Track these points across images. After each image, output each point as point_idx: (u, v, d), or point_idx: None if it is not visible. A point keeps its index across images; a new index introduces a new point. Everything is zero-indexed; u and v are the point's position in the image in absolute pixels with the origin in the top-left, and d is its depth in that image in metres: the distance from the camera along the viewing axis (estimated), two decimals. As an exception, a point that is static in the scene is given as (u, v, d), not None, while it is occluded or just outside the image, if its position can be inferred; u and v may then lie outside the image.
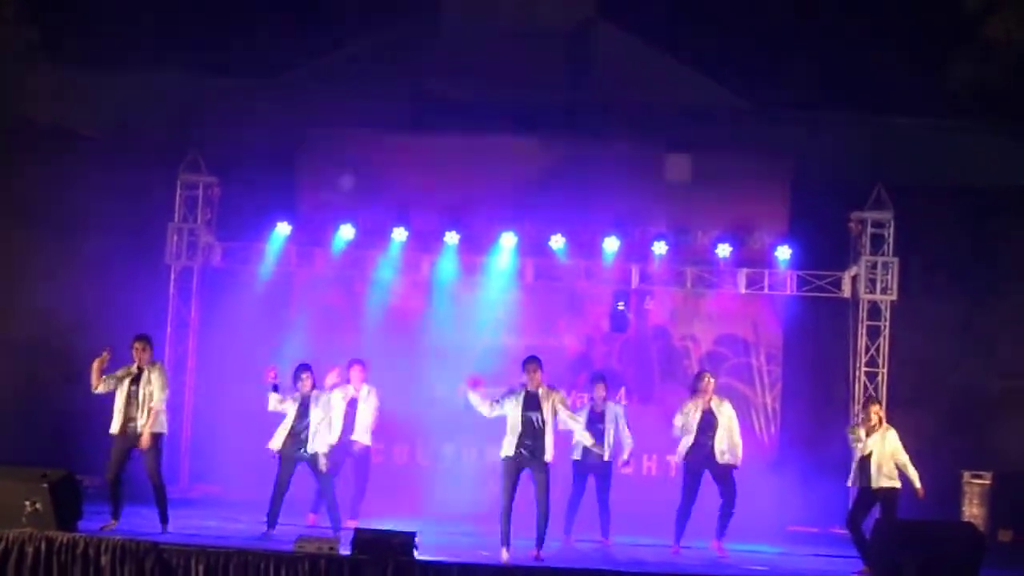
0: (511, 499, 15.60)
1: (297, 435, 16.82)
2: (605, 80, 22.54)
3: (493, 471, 16.51)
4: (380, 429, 18.68)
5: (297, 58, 23.12)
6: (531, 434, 15.58)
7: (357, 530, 14.89)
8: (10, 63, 21.63)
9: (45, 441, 20.00)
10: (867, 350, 21.07)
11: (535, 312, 21.72)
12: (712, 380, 17.62)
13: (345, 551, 14.55)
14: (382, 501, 18.94)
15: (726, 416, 17.47)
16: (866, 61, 22.17)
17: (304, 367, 17.05)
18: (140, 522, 16.34)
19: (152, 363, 16.45)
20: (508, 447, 15.62)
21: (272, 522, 16.69)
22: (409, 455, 21.50)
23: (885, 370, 20.92)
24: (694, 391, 17.62)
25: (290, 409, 16.89)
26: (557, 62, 22.40)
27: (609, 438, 17.80)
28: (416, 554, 14.53)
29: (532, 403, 15.65)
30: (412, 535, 14.67)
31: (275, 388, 16.91)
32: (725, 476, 17.38)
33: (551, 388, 15.81)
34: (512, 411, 15.63)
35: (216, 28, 22.29)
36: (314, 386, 17.07)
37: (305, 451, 16.81)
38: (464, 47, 22.21)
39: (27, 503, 14.89)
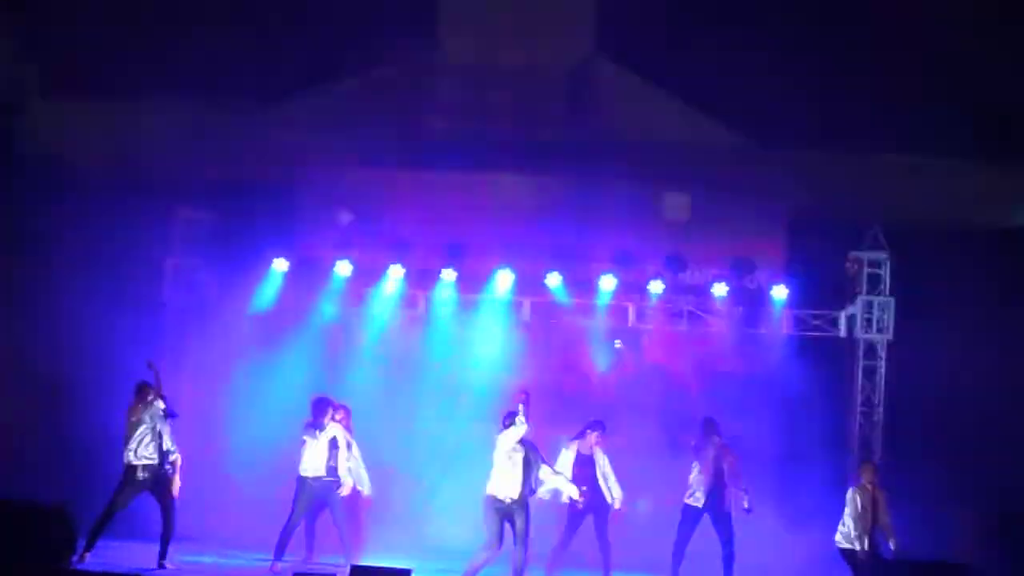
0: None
1: None
2: (603, 118, 22.55)
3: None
4: (376, 464, 18.67)
5: (294, 92, 23.10)
6: None
7: (353, 567, 14.86)
8: (8, 96, 21.63)
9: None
10: (863, 389, 21.05)
11: (532, 350, 21.66)
12: None
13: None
14: (378, 537, 18.89)
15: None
16: (864, 101, 22.20)
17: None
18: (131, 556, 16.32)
19: None
20: None
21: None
22: (402, 490, 21.39)
23: (881, 409, 20.89)
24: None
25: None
26: (556, 99, 22.42)
27: (602, 481, 17.97)
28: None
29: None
30: (407, 572, 14.63)
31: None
32: None
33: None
34: None
35: (213, 61, 22.28)
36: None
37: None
38: (463, 83, 22.23)
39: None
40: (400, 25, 22.55)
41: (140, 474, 16.54)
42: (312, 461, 17.59)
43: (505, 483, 15.95)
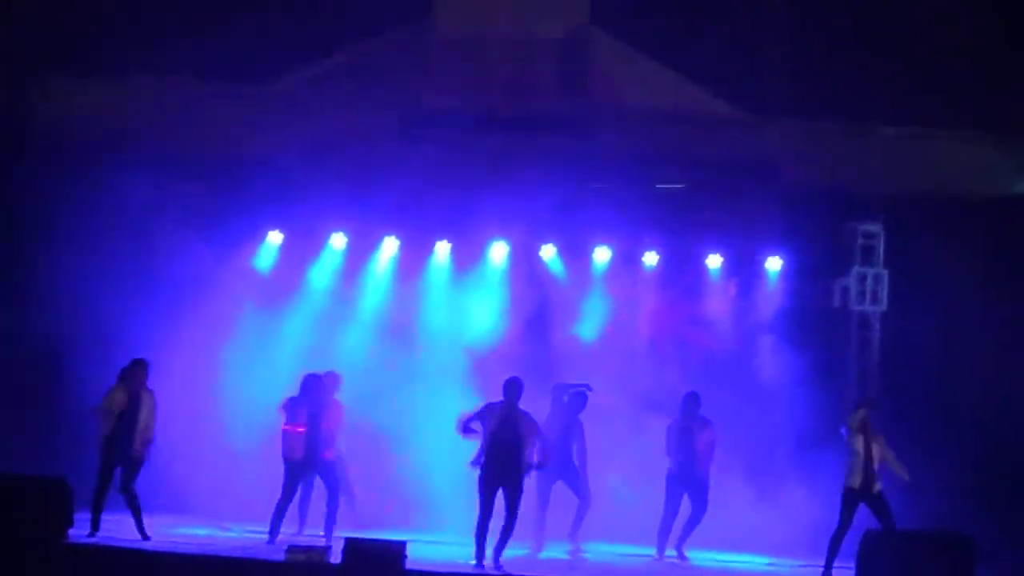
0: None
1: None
2: (598, 89, 22.50)
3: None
4: (369, 438, 18.74)
5: (288, 66, 23.05)
6: None
7: (348, 539, 14.89)
8: (8, 71, 21.59)
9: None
10: (857, 360, 21.10)
11: (526, 320, 21.70)
12: None
13: (336, 560, 14.56)
14: (373, 511, 18.99)
15: None
16: (859, 71, 22.18)
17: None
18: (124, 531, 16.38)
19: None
20: None
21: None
22: (397, 464, 21.43)
23: (875, 380, 20.95)
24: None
25: None
26: (550, 71, 22.38)
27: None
28: (406, 563, 14.53)
29: None
30: (403, 544, 14.68)
31: None
32: None
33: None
34: None
35: (208, 35, 22.24)
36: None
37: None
38: (456, 56, 22.18)
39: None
40: (393, -1, 22.57)
41: None
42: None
43: None
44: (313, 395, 17.60)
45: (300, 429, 17.50)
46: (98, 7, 21.51)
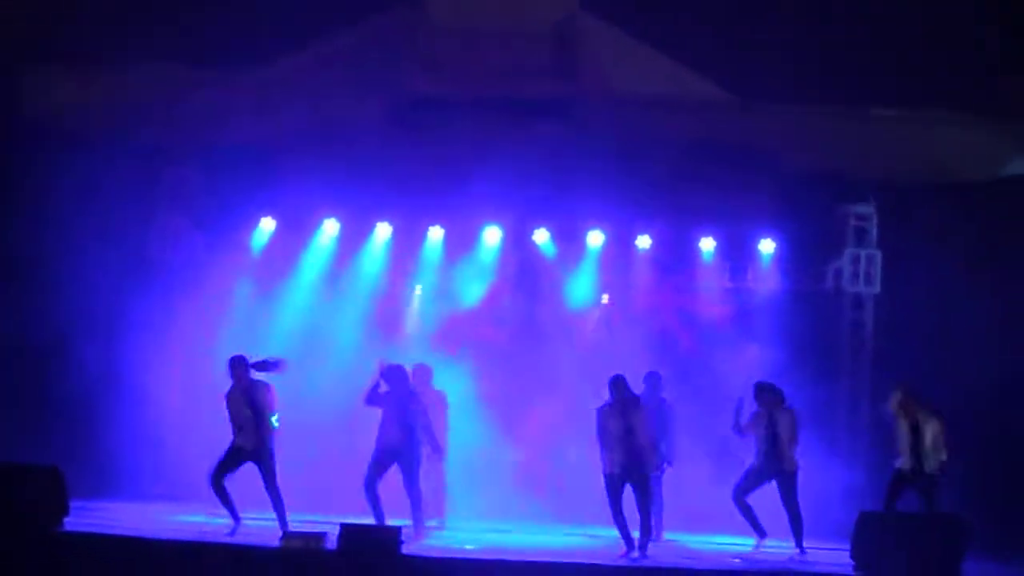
0: None
1: None
2: (589, 73, 22.51)
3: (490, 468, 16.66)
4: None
5: (281, 52, 23.03)
6: None
7: (343, 525, 14.91)
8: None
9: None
10: (850, 342, 21.14)
11: (520, 305, 21.73)
12: None
13: (331, 546, 14.58)
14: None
15: None
16: (851, 54, 22.18)
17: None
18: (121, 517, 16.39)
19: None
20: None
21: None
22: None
23: (868, 362, 20.99)
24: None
25: None
26: (541, 56, 22.37)
27: None
28: (402, 549, 14.56)
29: None
30: (398, 530, 14.71)
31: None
32: None
33: None
34: None
35: (197, 20, 22.20)
36: None
37: None
38: (449, 40, 22.17)
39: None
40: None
41: None
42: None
43: None
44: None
45: None
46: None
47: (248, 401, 16.55)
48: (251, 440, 16.51)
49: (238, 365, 16.64)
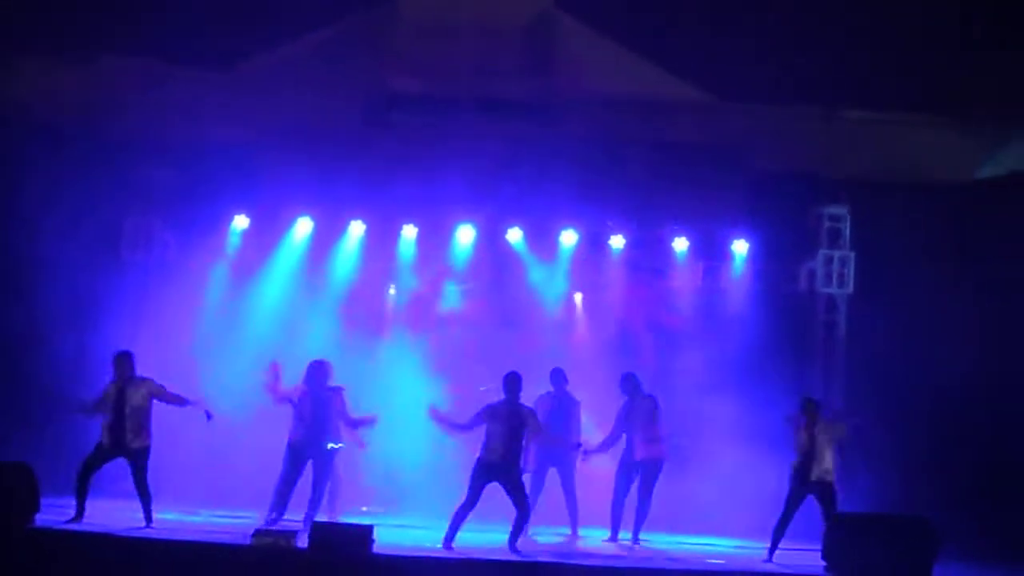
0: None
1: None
2: (562, 72, 22.50)
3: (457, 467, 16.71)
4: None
5: (254, 49, 22.97)
6: None
7: (314, 523, 14.89)
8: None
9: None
10: (823, 343, 21.17)
11: (492, 305, 21.72)
12: None
13: (302, 544, 14.55)
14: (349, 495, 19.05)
15: None
16: (826, 56, 22.21)
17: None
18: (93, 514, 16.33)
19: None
20: None
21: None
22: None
23: (841, 363, 21.03)
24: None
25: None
26: (514, 54, 22.36)
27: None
28: (373, 547, 14.55)
29: None
30: (370, 528, 14.69)
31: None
32: None
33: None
34: None
35: (171, 16, 22.12)
36: None
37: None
38: (423, 39, 22.15)
39: None
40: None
41: None
42: None
43: None
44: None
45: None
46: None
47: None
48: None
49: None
